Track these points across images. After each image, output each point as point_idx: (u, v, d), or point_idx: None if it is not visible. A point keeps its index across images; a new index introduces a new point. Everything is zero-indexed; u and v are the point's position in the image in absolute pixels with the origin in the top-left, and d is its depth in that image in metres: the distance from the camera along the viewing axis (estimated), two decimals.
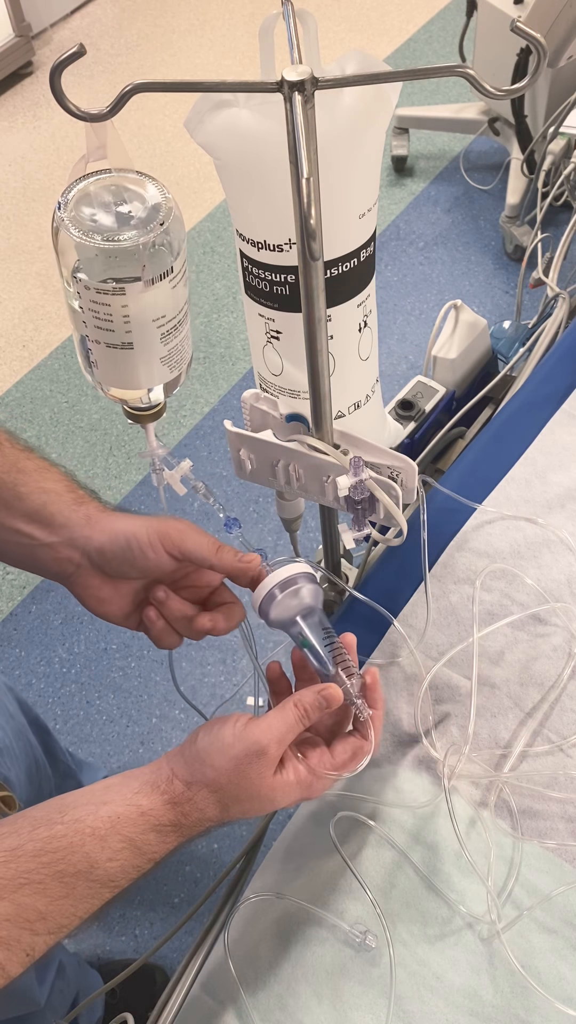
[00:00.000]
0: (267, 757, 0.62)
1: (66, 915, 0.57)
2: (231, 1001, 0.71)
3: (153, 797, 0.61)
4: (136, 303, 0.62)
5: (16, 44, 3.00)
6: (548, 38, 1.87)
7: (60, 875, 0.57)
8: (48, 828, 0.58)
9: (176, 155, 2.79)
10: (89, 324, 0.64)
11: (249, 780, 0.62)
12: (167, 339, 0.66)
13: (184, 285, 0.65)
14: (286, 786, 0.63)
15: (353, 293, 0.79)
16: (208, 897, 0.86)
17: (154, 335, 0.65)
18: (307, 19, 0.69)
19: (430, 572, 0.89)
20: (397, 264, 2.48)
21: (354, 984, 0.70)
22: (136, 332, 0.64)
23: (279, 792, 0.63)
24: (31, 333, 2.43)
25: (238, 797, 0.62)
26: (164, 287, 0.62)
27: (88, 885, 0.58)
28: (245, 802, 0.63)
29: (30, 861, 0.56)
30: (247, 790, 0.62)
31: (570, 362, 1.07)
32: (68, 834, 0.58)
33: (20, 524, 0.69)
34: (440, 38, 3.06)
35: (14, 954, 0.55)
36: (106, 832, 0.59)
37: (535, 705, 0.81)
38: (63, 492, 0.71)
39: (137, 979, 1.38)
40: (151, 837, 0.61)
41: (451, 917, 0.72)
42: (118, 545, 0.68)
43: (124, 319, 0.63)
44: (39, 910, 0.56)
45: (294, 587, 0.69)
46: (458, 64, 0.56)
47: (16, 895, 0.55)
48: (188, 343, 0.69)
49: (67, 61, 0.55)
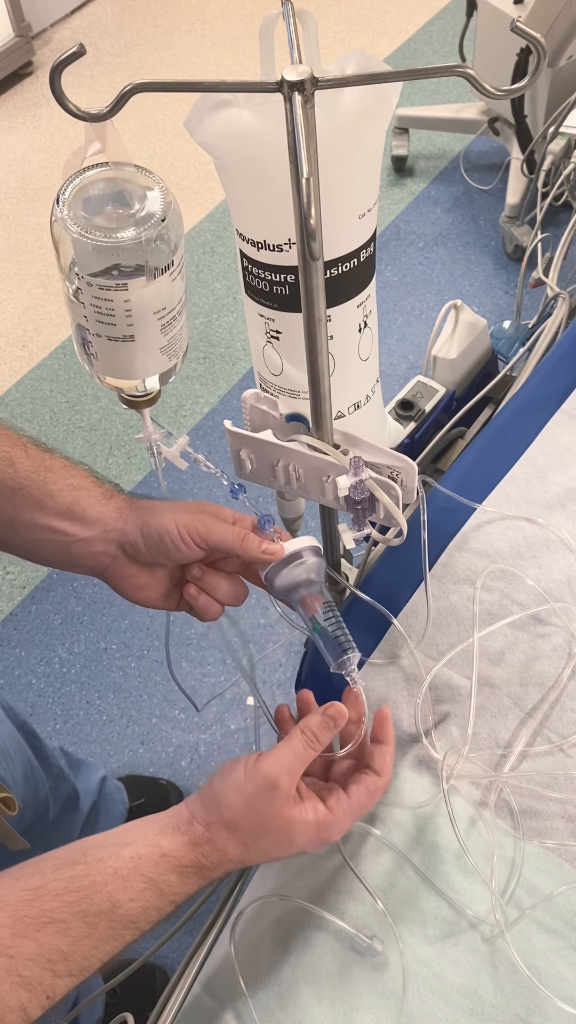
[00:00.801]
0: (280, 789, 0.63)
1: (87, 956, 0.58)
2: (231, 1001, 0.71)
3: (174, 838, 0.62)
4: (138, 297, 0.62)
5: (16, 44, 3.00)
6: (548, 38, 1.87)
7: (83, 914, 0.57)
8: (71, 868, 0.59)
9: (176, 155, 2.79)
10: (91, 319, 0.64)
11: (265, 816, 0.63)
12: (167, 329, 0.66)
13: (182, 277, 0.65)
14: (304, 823, 0.64)
15: (353, 293, 0.79)
16: (208, 897, 0.86)
17: (155, 327, 0.65)
18: (307, 19, 0.69)
19: (430, 572, 0.89)
20: (397, 264, 2.48)
21: (355, 984, 0.70)
22: (138, 325, 0.64)
23: (297, 827, 0.63)
24: (31, 333, 2.44)
25: (255, 834, 0.63)
26: (164, 280, 0.63)
27: (110, 925, 0.58)
28: (263, 838, 0.63)
29: (53, 900, 0.57)
30: (263, 826, 0.63)
31: (570, 362, 1.07)
32: (91, 874, 0.59)
33: (54, 522, 0.72)
34: (440, 38, 3.06)
35: (35, 996, 0.55)
36: (128, 872, 0.60)
37: (535, 705, 0.81)
38: (91, 488, 0.73)
39: (137, 979, 1.38)
40: (172, 878, 0.61)
41: (452, 917, 0.72)
42: (152, 540, 0.71)
43: (126, 313, 0.63)
44: (62, 951, 0.56)
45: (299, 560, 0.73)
46: (458, 64, 0.56)
47: (40, 934, 0.56)
48: (185, 332, 0.69)
49: (67, 61, 0.55)
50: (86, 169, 0.64)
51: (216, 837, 0.62)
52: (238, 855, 0.63)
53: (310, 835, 0.64)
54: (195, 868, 0.62)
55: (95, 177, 0.64)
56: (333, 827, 0.65)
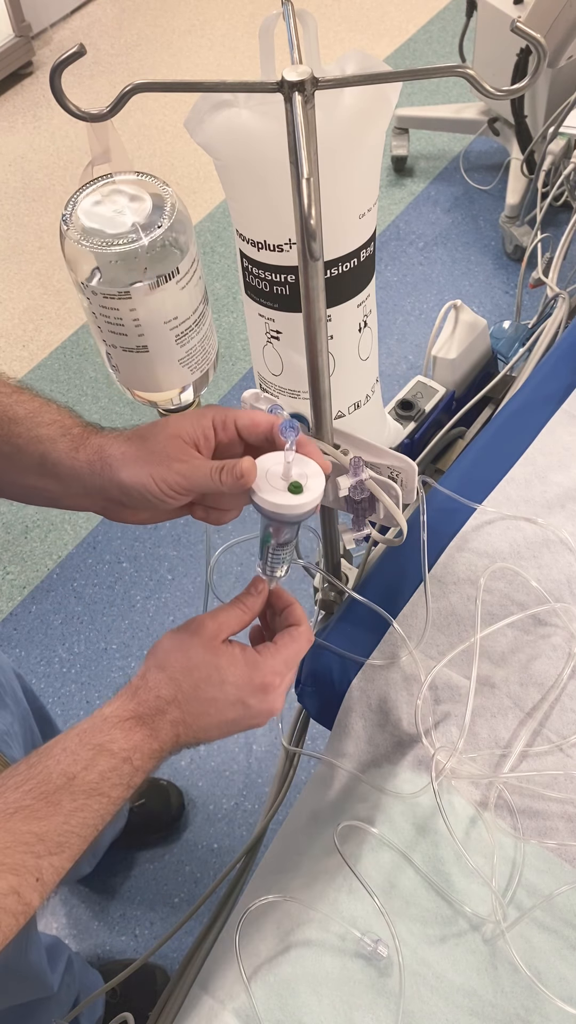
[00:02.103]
0: (205, 627, 0.66)
1: (61, 832, 0.59)
2: (231, 1001, 0.71)
3: (114, 702, 0.64)
4: (144, 306, 0.62)
5: (16, 44, 3.00)
6: (548, 38, 1.87)
7: (44, 796, 0.59)
8: (26, 763, 0.61)
9: (176, 155, 2.79)
10: (104, 330, 0.64)
11: (191, 651, 0.65)
12: (183, 340, 0.66)
13: (197, 285, 0.64)
14: (230, 656, 0.65)
15: (353, 293, 0.79)
16: (208, 897, 0.86)
17: (168, 337, 0.65)
18: (307, 19, 0.69)
19: (430, 572, 0.89)
20: (397, 264, 2.48)
21: (355, 984, 0.70)
22: (149, 335, 0.64)
23: (224, 659, 0.65)
24: (31, 333, 2.44)
25: (185, 669, 0.64)
26: (171, 288, 0.62)
27: (72, 797, 0.60)
28: (193, 672, 0.64)
29: (14, 792, 0.59)
30: (191, 659, 0.65)
31: (570, 362, 1.07)
32: (43, 760, 0.61)
33: (31, 479, 0.69)
34: (440, 38, 3.06)
35: (23, 879, 0.56)
36: (76, 747, 0.61)
37: (535, 705, 0.81)
38: (57, 439, 0.68)
39: (137, 979, 1.38)
40: (116, 735, 0.62)
41: (452, 917, 0.72)
42: (134, 497, 0.67)
43: (135, 323, 0.63)
44: (34, 832, 0.58)
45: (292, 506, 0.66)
46: (458, 64, 0.56)
47: (9, 823, 0.57)
48: (210, 343, 0.69)
49: (67, 61, 0.55)
50: (93, 181, 0.64)
51: (149, 679, 0.64)
52: (171, 694, 0.64)
53: (239, 670, 0.65)
54: (136, 719, 0.63)
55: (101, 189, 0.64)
56: (263, 668, 0.66)
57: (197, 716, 0.64)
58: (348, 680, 0.85)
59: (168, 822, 1.63)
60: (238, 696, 0.65)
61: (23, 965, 1.07)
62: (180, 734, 0.64)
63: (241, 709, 0.65)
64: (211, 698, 0.65)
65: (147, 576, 1.95)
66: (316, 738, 1.27)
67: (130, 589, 1.93)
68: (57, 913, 1.58)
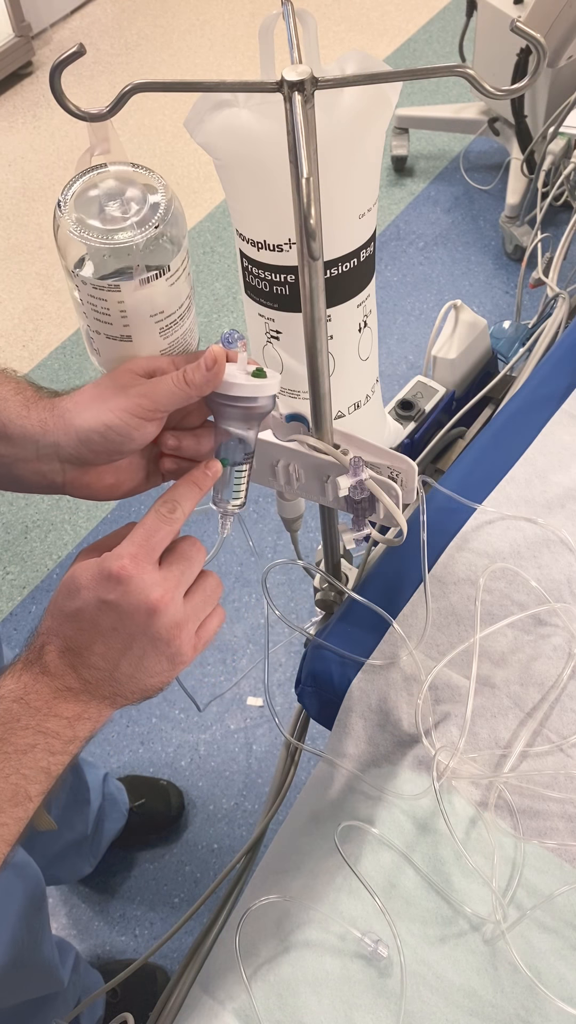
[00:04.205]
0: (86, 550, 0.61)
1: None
2: (231, 1001, 0.71)
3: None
4: (132, 299, 0.62)
5: (16, 44, 3.00)
6: (548, 38, 1.87)
7: None
8: None
9: (176, 155, 2.79)
10: (89, 316, 0.64)
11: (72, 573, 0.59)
12: (166, 333, 0.66)
13: (185, 281, 0.65)
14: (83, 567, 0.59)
15: (353, 293, 0.79)
16: (208, 897, 0.86)
17: (152, 329, 0.65)
18: (307, 19, 0.69)
19: (430, 572, 0.89)
20: (397, 264, 2.48)
21: (355, 984, 0.70)
22: (134, 327, 0.64)
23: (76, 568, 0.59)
24: (31, 333, 2.44)
25: (54, 596, 0.60)
26: (160, 284, 0.62)
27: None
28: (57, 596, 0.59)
29: None
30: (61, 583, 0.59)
31: (570, 362, 1.07)
32: None
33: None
34: (440, 38, 3.06)
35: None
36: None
37: (535, 705, 0.81)
38: (9, 398, 0.65)
39: (137, 979, 1.38)
40: (5, 680, 0.58)
41: (453, 917, 0.72)
42: (95, 443, 0.62)
43: (121, 314, 0.63)
44: None
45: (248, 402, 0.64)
46: (458, 64, 0.56)
47: None
48: (192, 335, 0.69)
49: (67, 61, 0.55)
50: (90, 169, 0.64)
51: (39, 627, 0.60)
52: (47, 626, 0.59)
53: (89, 569, 0.58)
54: (23, 662, 0.59)
55: (97, 178, 0.64)
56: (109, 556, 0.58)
57: (74, 637, 0.58)
58: (348, 680, 0.85)
59: (168, 822, 1.63)
60: (94, 596, 0.58)
61: (37, 959, 1.07)
62: (75, 664, 0.58)
63: (109, 612, 0.58)
64: (76, 611, 0.58)
65: None
66: (316, 738, 1.27)
67: None
68: (57, 913, 1.58)
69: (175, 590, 0.59)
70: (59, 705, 0.58)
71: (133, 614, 0.58)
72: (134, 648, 0.59)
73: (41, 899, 1.09)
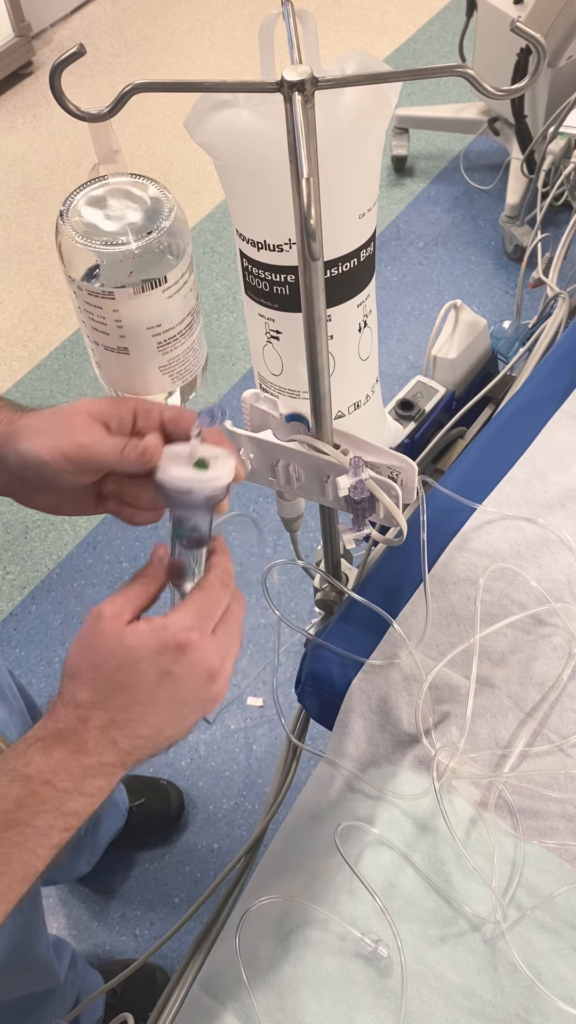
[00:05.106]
0: (103, 615, 0.59)
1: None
2: (231, 1001, 0.71)
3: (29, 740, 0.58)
4: (127, 308, 0.62)
5: (16, 44, 3.00)
6: (548, 38, 1.87)
7: None
8: None
9: (176, 155, 2.79)
10: (87, 325, 0.64)
11: (96, 643, 0.58)
12: (166, 348, 0.65)
13: (187, 296, 0.64)
14: (136, 633, 0.58)
15: (353, 293, 0.79)
16: (208, 897, 0.86)
17: (150, 343, 0.64)
18: (307, 19, 0.69)
19: (430, 572, 0.89)
20: (397, 264, 2.48)
21: (355, 984, 0.70)
22: (130, 338, 0.64)
23: (130, 639, 0.58)
24: (31, 333, 2.44)
25: (94, 666, 0.58)
26: (156, 295, 0.62)
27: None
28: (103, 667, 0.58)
29: None
30: (99, 652, 0.58)
31: (570, 362, 1.07)
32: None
33: None
34: (440, 38, 3.06)
35: None
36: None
37: (535, 705, 0.81)
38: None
39: (137, 979, 1.38)
40: (33, 756, 0.57)
41: (453, 917, 0.72)
42: (33, 470, 0.62)
43: (117, 324, 0.63)
44: None
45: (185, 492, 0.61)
46: (458, 64, 0.56)
47: None
48: (195, 355, 0.68)
49: (67, 61, 0.55)
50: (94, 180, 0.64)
51: (64, 691, 0.58)
52: (88, 698, 0.57)
53: (148, 642, 0.58)
54: (54, 735, 0.57)
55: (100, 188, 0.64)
56: (171, 627, 0.59)
57: (125, 710, 0.58)
58: (348, 680, 0.85)
59: (168, 822, 1.63)
60: (156, 669, 0.58)
61: (32, 955, 1.07)
62: (117, 739, 0.58)
63: (170, 684, 0.58)
64: (132, 684, 0.58)
65: None
66: (316, 738, 1.27)
67: None
68: (57, 913, 1.58)
69: (230, 656, 0.61)
70: (87, 783, 0.57)
71: (194, 683, 0.59)
72: (183, 711, 0.60)
73: (35, 895, 1.09)
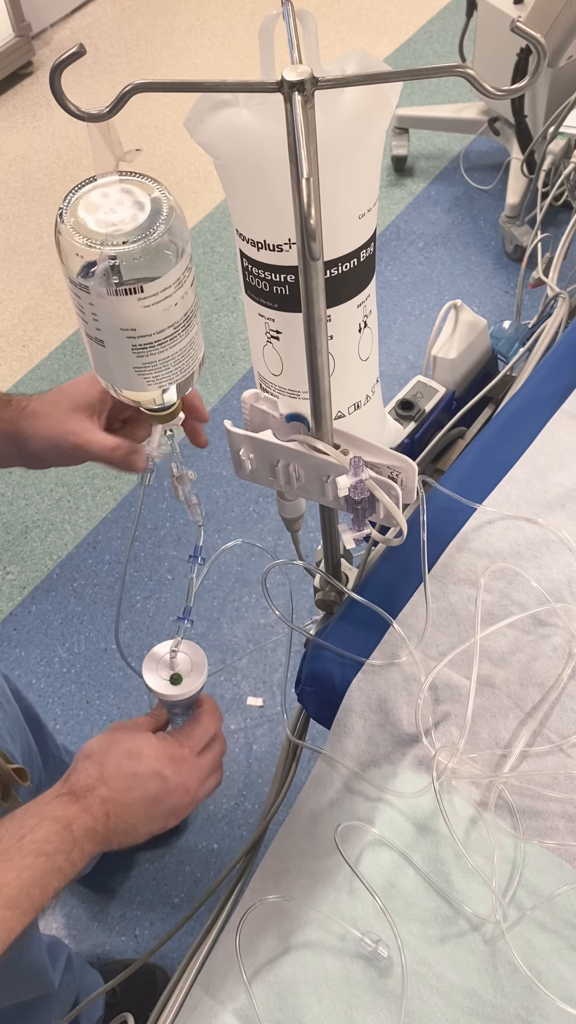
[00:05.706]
0: (126, 725, 0.76)
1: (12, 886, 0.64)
2: (231, 1001, 0.71)
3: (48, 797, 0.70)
4: (100, 305, 0.62)
5: (16, 44, 3.00)
6: (548, 38, 1.87)
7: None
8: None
9: (176, 155, 2.79)
10: (77, 312, 0.65)
11: (113, 735, 0.74)
12: (140, 353, 0.65)
13: (167, 311, 0.64)
14: (147, 736, 0.75)
15: (353, 293, 0.79)
16: (208, 897, 0.86)
17: (124, 344, 0.65)
18: (307, 19, 0.69)
19: (430, 572, 0.89)
20: (397, 264, 2.48)
21: (355, 984, 0.70)
22: (104, 332, 0.65)
23: (141, 739, 0.74)
24: (31, 333, 2.44)
25: (107, 750, 0.73)
26: (131, 301, 0.62)
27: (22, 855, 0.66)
28: (115, 750, 0.73)
29: None
30: (113, 740, 0.74)
31: (570, 362, 1.07)
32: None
33: None
34: (440, 38, 3.06)
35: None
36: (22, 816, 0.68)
37: (535, 705, 0.81)
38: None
39: (137, 979, 1.38)
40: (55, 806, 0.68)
41: (453, 917, 0.72)
42: (37, 460, 0.82)
43: (93, 316, 0.64)
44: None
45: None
46: (458, 64, 0.56)
47: None
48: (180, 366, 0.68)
49: (67, 61, 0.55)
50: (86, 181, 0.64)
51: (78, 767, 0.72)
52: (97, 773, 0.71)
53: (155, 744, 0.74)
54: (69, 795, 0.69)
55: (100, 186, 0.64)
56: (175, 740, 0.76)
57: (123, 792, 0.70)
58: (348, 680, 0.85)
59: None
60: (155, 767, 0.72)
61: (24, 962, 1.07)
62: (110, 813, 0.70)
63: (159, 783, 0.72)
64: (132, 772, 0.72)
65: (147, 576, 1.95)
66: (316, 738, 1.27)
67: (130, 589, 1.93)
68: (56, 913, 1.58)
69: (209, 777, 0.78)
70: (86, 843, 0.68)
71: (175, 790, 0.73)
72: (157, 814, 0.73)
73: None
